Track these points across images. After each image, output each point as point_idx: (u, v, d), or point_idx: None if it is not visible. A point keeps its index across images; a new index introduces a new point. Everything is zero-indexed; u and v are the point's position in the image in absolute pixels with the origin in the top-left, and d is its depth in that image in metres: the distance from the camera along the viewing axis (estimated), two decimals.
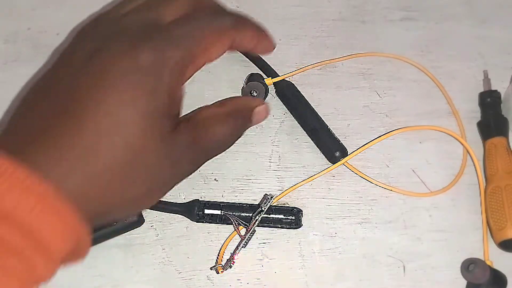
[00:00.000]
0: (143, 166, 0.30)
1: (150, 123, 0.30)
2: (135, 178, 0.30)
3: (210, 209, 0.41)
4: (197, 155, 0.34)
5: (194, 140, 0.33)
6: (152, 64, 0.30)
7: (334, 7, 0.51)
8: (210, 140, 0.34)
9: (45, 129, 0.29)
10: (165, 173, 0.32)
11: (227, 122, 0.35)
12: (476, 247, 0.43)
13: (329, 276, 0.42)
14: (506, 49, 0.50)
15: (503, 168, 0.44)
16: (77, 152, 0.28)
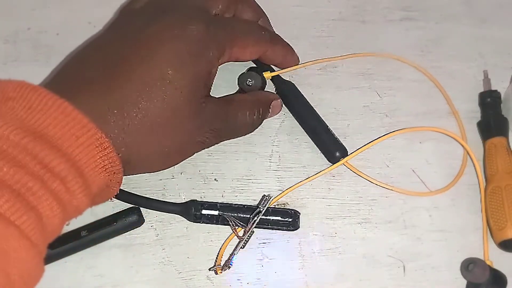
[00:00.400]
0: (177, 123, 0.34)
1: (191, 86, 0.34)
2: (168, 133, 0.34)
3: (207, 210, 0.41)
4: (223, 129, 0.38)
5: (225, 114, 0.38)
6: (200, 36, 0.34)
7: (334, 7, 0.51)
8: (239, 119, 0.39)
9: (94, 77, 0.33)
10: (192, 135, 0.36)
11: (255, 108, 0.40)
12: (476, 247, 0.43)
13: (329, 276, 0.42)
14: (506, 49, 0.50)
15: (503, 168, 0.44)
16: (121, 101, 0.32)
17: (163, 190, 0.43)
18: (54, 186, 0.28)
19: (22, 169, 0.27)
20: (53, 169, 0.28)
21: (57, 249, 0.39)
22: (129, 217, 0.40)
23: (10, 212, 0.26)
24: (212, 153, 0.44)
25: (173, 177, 0.43)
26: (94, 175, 0.30)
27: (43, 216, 0.28)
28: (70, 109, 0.29)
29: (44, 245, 0.29)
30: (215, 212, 0.41)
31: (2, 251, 0.26)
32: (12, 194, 0.27)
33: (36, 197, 0.27)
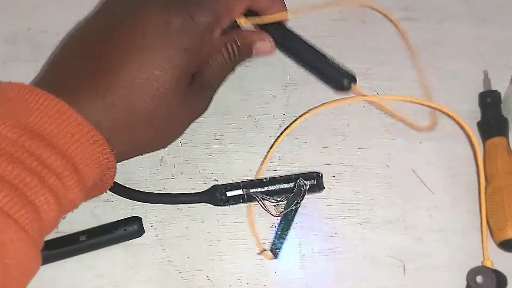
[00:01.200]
0: (166, 113, 0.35)
1: (177, 78, 0.34)
2: (158, 123, 0.35)
3: (231, 191, 0.41)
4: (205, 91, 0.39)
5: (201, 81, 0.38)
6: (183, 27, 0.35)
7: (334, 7, 0.51)
8: (209, 72, 0.38)
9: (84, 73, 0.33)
10: (183, 118, 0.38)
11: (223, 52, 0.38)
12: (476, 247, 0.43)
13: (329, 276, 0.42)
14: (506, 49, 0.50)
15: (503, 168, 0.43)
16: (111, 95, 0.33)
17: (164, 190, 0.43)
18: (50, 182, 0.29)
19: (20, 165, 0.28)
20: (50, 165, 0.29)
21: (54, 251, 0.39)
22: (129, 226, 0.40)
23: (8, 206, 0.27)
24: (212, 153, 0.44)
25: (173, 177, 0.43)
26: (89, 170, 0.32)
27: (40, 210, 0.29)
28: (66, 108, 0.31)
29: (41, 238, 0.30)
30: (240, 192, 0.41)
31: (0, 243, 0.27)
32: (10, 189, 0.28)
33: (34, 192, 0.29)
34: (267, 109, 0.46)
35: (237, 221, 0.42)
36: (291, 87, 0.47)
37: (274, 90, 0.47)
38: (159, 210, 0.42)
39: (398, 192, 0.44)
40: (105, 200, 0.42)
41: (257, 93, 0.47)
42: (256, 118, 0.46)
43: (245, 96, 0.47)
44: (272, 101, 0.46)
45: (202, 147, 0.44)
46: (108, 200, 0.42)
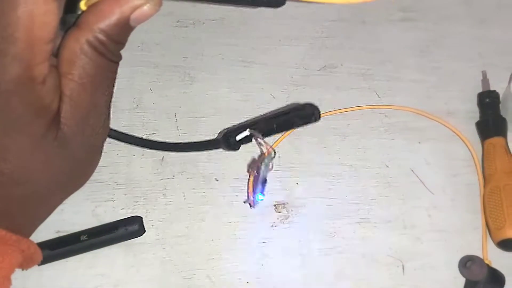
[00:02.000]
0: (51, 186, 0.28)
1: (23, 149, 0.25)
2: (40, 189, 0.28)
3: (240, 135, 0.41)
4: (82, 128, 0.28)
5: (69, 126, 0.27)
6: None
7: (334, 8, 0.51)
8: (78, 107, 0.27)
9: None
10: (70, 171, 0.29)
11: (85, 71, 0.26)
12: (475, 247, 0.43)
13: (328, 275, 0.42)
14: (505, 49, 0.50)
15: (501, 168, 0.44)
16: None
17: (164, 190, 0.43)
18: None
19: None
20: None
21: (55, 251, 0.39)
22: (130, 226, 0.40)
23: None
24: (212, 153, 0.44)
25: (174, 177, 0.43)
26: None
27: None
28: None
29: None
30: (247, 133, 0.41)
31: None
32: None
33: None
34: (267, 109, 0.46)
35: (237, 221, 0.42)
36: (291, 87, 0.47)
37: (274, 90, 0.47)
38: (160, 210, 0.42)
39: (398, 192, 0.44)
40: (106, 200, 0.42)
41: (257, 93, 0.47)
42: None
43: (245, 96, 0.47)
44: (272, 101, 0.47)
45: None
46: (109, 200, 0.42)
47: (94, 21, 0.25)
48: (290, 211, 0.43)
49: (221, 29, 0.49)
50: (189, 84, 0.47)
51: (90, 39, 0.25)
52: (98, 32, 0.25)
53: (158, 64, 0.48)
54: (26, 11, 0.23)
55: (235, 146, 0.41)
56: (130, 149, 0.44)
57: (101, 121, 0.28)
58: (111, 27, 0.25)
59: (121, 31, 0.26)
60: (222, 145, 0.42)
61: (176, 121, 0.45)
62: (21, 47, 0.23)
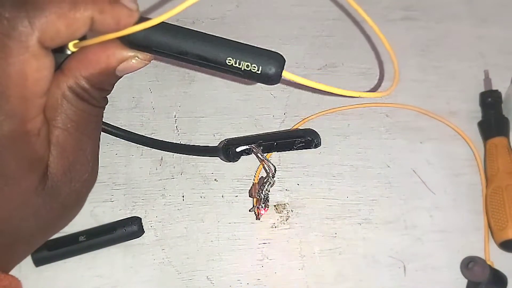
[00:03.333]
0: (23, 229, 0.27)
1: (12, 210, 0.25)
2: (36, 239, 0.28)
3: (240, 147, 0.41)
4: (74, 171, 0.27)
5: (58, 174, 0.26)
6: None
7: (334, 7, 0.51)
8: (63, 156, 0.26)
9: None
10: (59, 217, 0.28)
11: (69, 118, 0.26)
12: (477, 248, 0.43)
13: (329, 276, 0.41)
14: (507, 48, 0.50)
15: (504, 168, 0.43)
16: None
17: (163, 190, 0.42)
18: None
19: None
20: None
21: (54, 251, 0.39)
22: (129, 227, 0.40)
23: None
24: None
25: (173, 177, 0.43)
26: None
27: None
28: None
29: None
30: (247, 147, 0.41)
31: None
32: None
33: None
34: (267, 109, 0.46)
35: (237, 221, 0.42)
36: (291, 87, 0.47)
37: (274, 90, 0.47)
38: (159, 210, 0.42)
39: (399, 192, 0.44)
40: (104, 200, 0.42)
41: (257, 93, 0.47)
42: (256, 118, 0.45)
43: (245, 96, 0.46)
44: (272, 101, 0.46)
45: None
46: (108, 200, 0.42)
47: (78, 68, 0.25)
48: (291, 211, 0.43)
49: (221, 28, 0.49)
50: (188, 84, 0.47)
51: (72, 85, 0.25)
52: (81, 79, 0.25)
53: (157, 64, 0.47)
54: (18, 69, 0.22)
55: (233, 157, 0.41)
56: (128, 149, 0.44)
57: (88, 167, 0.27)
58: (95, 75, 0.25)
59: (105, 79, 0.25)
60: (220, 155, 0.42)
61: (175, 121, 0.45)
62: (14, 104, 0.23)
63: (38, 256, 0.39)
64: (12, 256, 0.28)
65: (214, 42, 0.27)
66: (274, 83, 0.28)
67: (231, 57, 0.27)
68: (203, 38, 0.27)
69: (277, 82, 0.27)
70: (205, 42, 0.27)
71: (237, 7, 0.49)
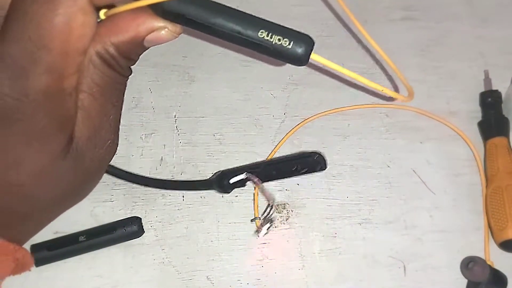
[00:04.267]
0: (55, 200, 0.27)
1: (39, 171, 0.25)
2: (53, 208, 0.28)
3: (235, 177, 0.40)
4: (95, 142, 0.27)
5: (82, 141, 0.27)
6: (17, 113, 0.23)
7: (334, 7, 0.50)
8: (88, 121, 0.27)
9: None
10: (84, 185, 0.29)
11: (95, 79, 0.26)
12: (477, 248, 0.43)
13: (329, 276, 0.41)
14: (507, 48, 0.50)
15: (504, 168, 0.43)
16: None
17: (163, 190, 0.42)
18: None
19: None
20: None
21: (54, 251, 0.39)
22: (129, 227, 0.40)
23: None
24: (212, 153, 0.44)
25: (173, 177, 0.43)
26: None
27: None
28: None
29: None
30: (243, 176, 0.40)
31: None
32: None
33: None
34: (267, 109, 0.46)
35: (237, 221, 0.42)
36: (291, 87, 0.47)
37: (274, 90, 0.47)
38: (159, 211, 0.42)
39: (399, 192, 0.44)
40: (104, 200, 0.42)
41: (257, 93, 0.47)
42: (256, 118, 0.45)
43: (245, 96, 0.46)
44: (272, 101, 0.46)
45: (202, 147, 0.44)
46: (108, 200, 0.42)
47: (107, 34, 0.25)
48: (291, 211, 0.43)
49: None
50: (188, 84, 0.47)
51: (99, 51, 0.25)
52: (109, 45, 0.25)
53: (157, 64, 0.47)
54: (65, 21, 0.22)
55: (228, 188, 0.41)
56: (128, 149, 0.44)
57: (111, 134, 0.28)
58: (123, 43, 0.25)
59: (133, 48, 0.26)
60: (215, 186, 0.41)
61: (175, 120, 0.45)
62: (55, 58, 0.23)
63: (38, 256, 0.39)
64: (28, 227, 0.28)
65: (246, 15, 0.28)
66: (302, 63, 0.27)
67: (264, 30, 0.27)
68: (236, 11, 0.27)
69: (305, 62, 0.27)
70: (238, 14, 0.28)
71: (237, 7, 0.49)
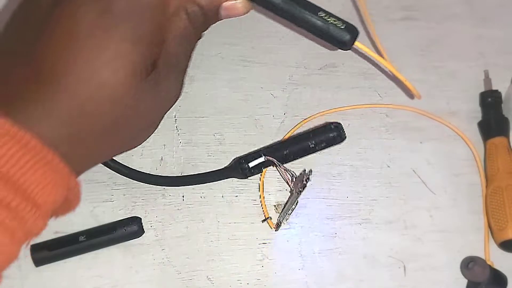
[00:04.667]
0: (128, 115, 0.29)
1: (133, 74, 0.28)
2: (121, 127, 0.29)
3: (253, 161, 0.40)
4: (173, 75, 0.31)
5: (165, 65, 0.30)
6: (126, 12, 0.27)
7: (334, 7, 0.50)
8: (172, 52, 0.30)
9: (23, 84, 0.27)
10: (153, 112, 0.32)
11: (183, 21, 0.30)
12: (477, 248, 0.43)
13: (329, 276, 0.41)
14: (507, 48, 0.50)
15: (504, 168, 0.43)
16: (55, 106, 0.27)
17: (163, 190, 0.42)
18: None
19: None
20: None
21: (54, 251, 0.39)
22: (129, 226, 0.40)
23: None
24: (212, 153, 0.44)
25: None
26: (44, 195, 0.26)
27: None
28: (8, 126, 0.25)
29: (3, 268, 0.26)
30: (262, 159, 0.40)
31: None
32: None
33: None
34: (267, 109, 0.46)
35: (237, 221, 0.42)
36: (291, 87, 0.47)
37: (274, 90, 0.47)
38: (159, 210, 0.42)
39: (399, 192, 0.44)
40: (104, 200, 0.42)
41: (257, 93, 0.47)
42: (256, 118, 0.45)
43: (245, 96, 0.46)
44: (272, 101, 0.46)
45: (202, 147, 0.44)
46: (108, 200, 0.42)
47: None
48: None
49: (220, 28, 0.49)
50: (188, 84, 0.47)
51: (187, 6, 0.30)
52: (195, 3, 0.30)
53: None
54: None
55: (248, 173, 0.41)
56: None
57: (178, 84, 0.32)
58: (206, 4, 0.31)
59: (211, 11, 0.31)
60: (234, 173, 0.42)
61: (175, 120, 0.45)
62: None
63: (38, 256, 0.39)
64: (92, 156, 0.30)
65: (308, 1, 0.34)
66: (347, 46, 0.33)
67: (323, 11, 0.34)
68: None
69: (349, 46, 0.33)
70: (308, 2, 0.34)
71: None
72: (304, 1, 0.34)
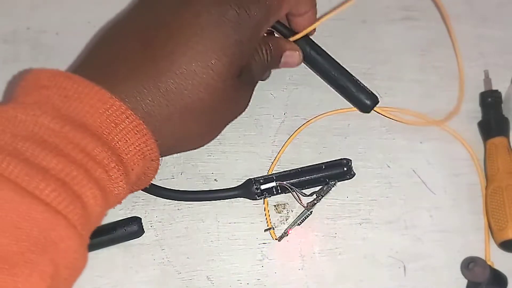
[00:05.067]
0: (215, 106, 0.34)
1: (230, 68, 0.33)
2: (207, 116, 0.34)
3: (265, 184, 0.41)
4: (250, 87, 0.39)
5: (249, 74, 0.37)
6: (238, 19, 0.34)
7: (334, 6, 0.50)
8: (255, 67, 0.38)
9: (130, 59, 0.32)
10: (228, 114, 0.38)
11: (259, 52, 0.38)
12: (477, 248, 0.43)
13: (329, 276, 0.41)
14: (507, 48, 0.50)
15: (504, 168, 0.43)
16: (162, 83, 0.32)
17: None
18: (97, 175, 0.28)
19: (65, 158, 0.27)
20: (95, 157, 0.28)
21: None
22: (129, 226, 0.40)
23: (56, 201, 0.26)
24: (212, 153, 0.44)
25: (173, 177, 0.43)
26: (133, 162, 0.30)
27: (87, 206, 0.28)
28: (107, 96, 0.29)
29: (87, 235, 0.29)
30: (273, 184, 0.41)
31: (51, 241, 0.26)
32: (57, 183, 0.26)
33: (81, 186, 0.27)
34: (267, 109, 0.46)
35: (237, 221, 0.42)
36: (291, 87, 0.47)
37: (274, 90, 0.47)
38: (159, 210, 0.42)
39: (399, 192, 0.44)
40: None
41: (257, 93, 0.46)
42: (256, 118, 0.45)
43: None
44: (272, 101, 0.46)
45: (202, 147, 0.44)
46: None
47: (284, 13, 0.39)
48: (291, 211, 0.43)
49: None
50: None
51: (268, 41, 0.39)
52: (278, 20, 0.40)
53: None
54: None
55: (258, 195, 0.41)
56: None
57: (247, 101, 0.39)
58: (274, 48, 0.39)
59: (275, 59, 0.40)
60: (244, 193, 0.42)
61: None
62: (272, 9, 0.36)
63: None
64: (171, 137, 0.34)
65: (343, 68, 0.44)
66: (367, 110, 0.45)
67: (358, 79, 0.44)
68: (338, 63, 0.44)
69: (369, 111, 0.45)
70: (339, 66, 0.44)
71: None
72: (346, 70, 0.44)
